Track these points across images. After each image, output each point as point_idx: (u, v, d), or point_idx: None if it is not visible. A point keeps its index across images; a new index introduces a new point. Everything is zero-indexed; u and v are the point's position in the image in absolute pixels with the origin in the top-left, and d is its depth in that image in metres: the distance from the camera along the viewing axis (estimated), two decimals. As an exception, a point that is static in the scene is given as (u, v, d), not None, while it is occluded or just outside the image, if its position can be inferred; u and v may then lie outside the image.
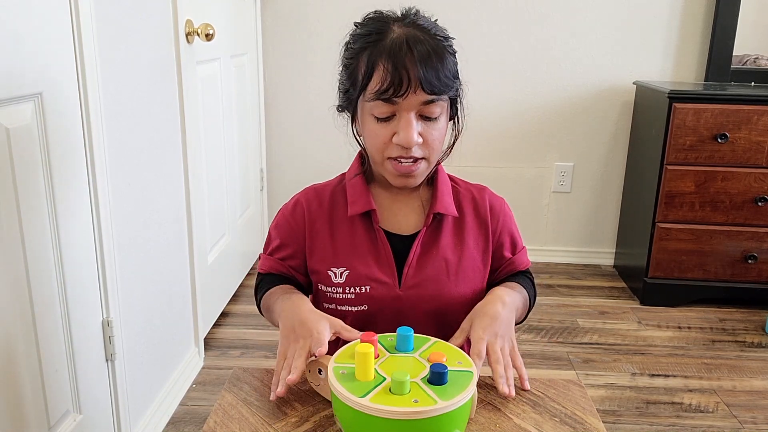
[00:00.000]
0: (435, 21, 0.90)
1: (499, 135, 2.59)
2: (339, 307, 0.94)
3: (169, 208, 1.63)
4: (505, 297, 0.91)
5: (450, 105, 0.90)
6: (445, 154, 0.96)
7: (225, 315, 2.16)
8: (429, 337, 0.80)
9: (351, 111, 0.93)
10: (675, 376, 1.88)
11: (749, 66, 2.44)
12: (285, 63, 2.55)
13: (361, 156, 0.98)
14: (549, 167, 2.64)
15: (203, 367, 1.86)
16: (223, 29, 2.00)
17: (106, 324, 1.30)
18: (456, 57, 0.89)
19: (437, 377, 0.69)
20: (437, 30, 0.87)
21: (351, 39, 0.90)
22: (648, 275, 2.30)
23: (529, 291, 1.01)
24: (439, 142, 0.89)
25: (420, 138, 0.86)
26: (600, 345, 2.05)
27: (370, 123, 0.88)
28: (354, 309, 0.93)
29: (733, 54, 2.41)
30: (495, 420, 0.77)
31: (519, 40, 2.50)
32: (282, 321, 0.86)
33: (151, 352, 1.53)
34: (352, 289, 0.93)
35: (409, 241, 0.94)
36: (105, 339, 1.30)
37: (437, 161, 0.94)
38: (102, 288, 1.28)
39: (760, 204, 2.18)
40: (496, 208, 0.99)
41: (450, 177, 1.00)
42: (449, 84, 0.86)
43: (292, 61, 2.55)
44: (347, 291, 0.93)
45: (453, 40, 0.90)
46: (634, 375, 1.88)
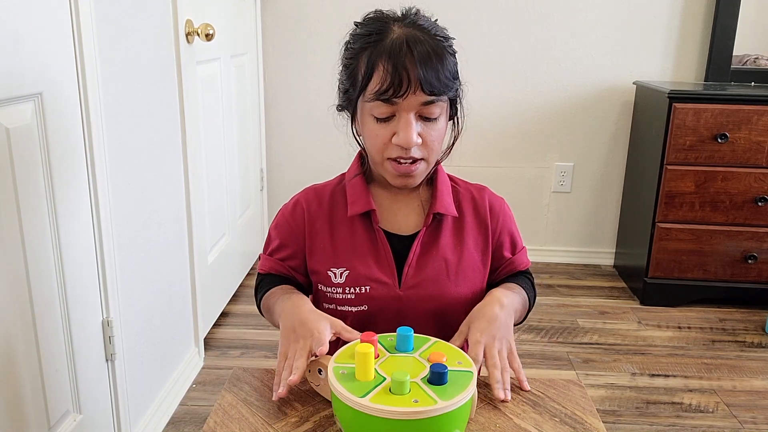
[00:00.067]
0: (435, 21, 0.90)
1: (499, 135, 2.59)
2: (339, 308, 0.94)
3: (169, 208, 1.63)
4: (503, 299, 0.90)
5: (450, 105, 0.90)
6: (445, 154, 0.96)
7: (225, 315, 2.16)
8: (429, 337, 0.80)
9: (351, 111, 0.93)
10: (675, 376, 1.88)
11: (749, 66, 2.44)
12: (285, 63, 2.55)
13: (361, 156, 0.98)
14: (549, 167, 2.64)
15: (203, 367, 1.86)
16: (223, 29, 2.00)
17: (106, 324, 1.30)
18: (456, 57, 0.89)
19: (437, 377, 0.69)
20: (437, 30, 0.87)
21: (351, 39, 0.90)
22: (648, 275, 2.30)
23: (529, 292, 1.00)
24: (438, 142, 0.89)
25: (419, 138, 0.86)
26: (600, 345, 2.05)
27: (369, 123, 0.88)
28: (354, 309, 0.93)
29: (733, 54, 2.41)
30: (495, 420, 0.77)
31: (519, 40, 2.50)
32: (282, 321, 0.86)
33: (151, 352, 1.53)
34: (352, 290, 0.93)
35: (409, 241, 0.94)
36: (105, 339, 1.30)
37: (437, 161, 0.94)
38: (102, 288, 1.28)
39: (760, 204, 2.18)
40: (495, 207, 0.99)
41: (450, 177, 1.00)
42: (449, 85, 0.86)
43: (292, 61, 2.55)
44: (347, 291, 0.93)
45: (453, 40, 0.90)
46: (634, 375, 1.88)
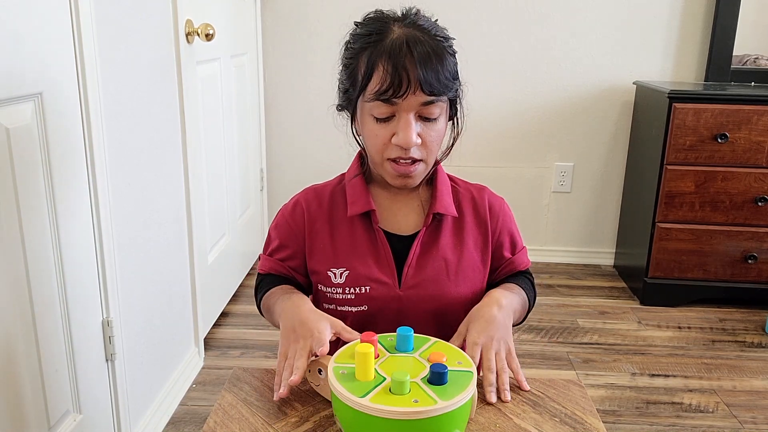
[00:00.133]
0: (435, 21, 0.90)
1: (499, 135, 2.59)
2: (339, 308, 0.94)
3: (169, 208, 1.63)
4: (502, 300, 0.90)
5: (449, 105, 0.90)
6: (445, 154, 0.96)
7: (225, 315, 2.16)
8: (429, 337, 0.80)
9: (351, 111, 0.93)
10: (675, 376, 1.88)
11: (749, 66, 2.44)
12: (285, 63, 2.55)
13: (361, 156, 0.98)
14: (549, 167, 2.64)
15: (203, 367, 1.86)
16: (223, 29, 2.00)
17: (106, 324, 1.30)
18: (456, 57, 0.89)
19: (437, 377, 0.69)
20: (437, 30, 0.87)
21: (351, 39, 0.90)
22: (648, 275, 2.30)
23: (529, 292, 1.00)
24: (438, 143, 0.89)
25: (419, 139, 0.86)
26: (600, 345, 2.05)
27: (369, 123, 0.88)
28: (354, 309, 0.93)
29: (733, 54, 2.41)
30: (495, 420, 0.77)
31: (519, 40, 2.50)
32: (282, 321, 0.86)
33: (151, 352, 1.53)
34: (352, 290, 0.92)
35: (409, 242, 0.94)
36: (105, 339, 1.30)
37: (436, 161, 0.94)
38: (102, 288, 1.28)
39: (760, 204, 2.18)
40: (495, 207, 0.99)
41: (449, 177, 1.00)
42: (449, 85, 0.86)
43: (292, 61, 2.55)
44: (347, 291, 0.93)
45: (453, 40, 0.89)
46: (634, 375, 1.88)
